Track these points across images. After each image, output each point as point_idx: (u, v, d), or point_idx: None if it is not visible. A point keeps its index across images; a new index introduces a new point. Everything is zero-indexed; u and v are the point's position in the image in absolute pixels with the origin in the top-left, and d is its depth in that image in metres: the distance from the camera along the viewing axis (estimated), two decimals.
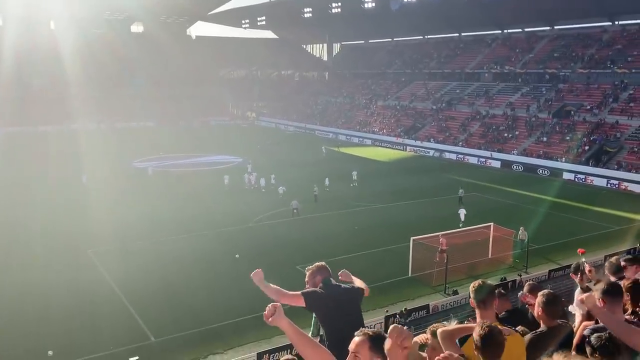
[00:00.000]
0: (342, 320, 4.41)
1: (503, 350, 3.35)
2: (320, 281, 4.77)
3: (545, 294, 4.44)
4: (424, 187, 43.38)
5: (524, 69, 72.34)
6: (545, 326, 4.33)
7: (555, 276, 23.62)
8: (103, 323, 19.37)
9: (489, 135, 62.72)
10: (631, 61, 61.14)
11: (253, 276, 4.34)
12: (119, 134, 73.52)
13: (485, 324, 3.43)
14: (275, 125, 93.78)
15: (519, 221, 31.25)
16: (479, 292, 4.15)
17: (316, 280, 4.79)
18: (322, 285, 4.73)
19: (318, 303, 4.57)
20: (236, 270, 24.87)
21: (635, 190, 44.10)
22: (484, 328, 3.37)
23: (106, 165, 49.26)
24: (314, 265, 4.91)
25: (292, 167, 50.72)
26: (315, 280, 4.81)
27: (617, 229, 32.07)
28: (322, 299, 4.56)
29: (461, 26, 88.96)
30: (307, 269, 4.93)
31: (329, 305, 4.55)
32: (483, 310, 4.11)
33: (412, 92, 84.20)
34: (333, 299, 4.59)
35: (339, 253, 27.00)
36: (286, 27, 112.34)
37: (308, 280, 4.86)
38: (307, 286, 4.82)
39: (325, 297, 4.57)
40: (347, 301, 4.73)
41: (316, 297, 4.57)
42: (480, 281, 4.27)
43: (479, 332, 3.35)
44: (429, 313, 20.52)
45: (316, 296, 4.57)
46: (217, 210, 35.41)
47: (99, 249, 27.21)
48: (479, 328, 3.36)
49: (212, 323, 19.59)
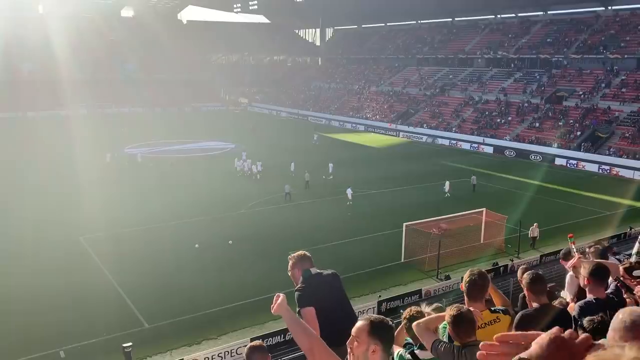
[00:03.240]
0: (330, 309, 4.38)
1: (474, 328, 3.58)
2: (300, 275, 4.65)
3: (528, 273, 4.61)
4: (417, 173, 43.42)
5: (517, 55, 72.28)
6: (535, 304, 4.44)
7: (546, 261, 23.79)
8: (96, 310, 19.33)
9: (481, 121, 62.78)
10: (624, 47, 61.19)
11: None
12: (108, 119, 72.92)
13: (456, 305, 3.64)
14: (268, 111, 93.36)
15: (512, 207, 31.45)
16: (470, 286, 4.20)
17: (296, 274, 4.69)
18: (302, 281, 4.63)
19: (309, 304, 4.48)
20: (229, 256, 24.91)
21: (625, 176, 44.40)
22: (453, 309, 3.63)
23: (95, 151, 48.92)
24: (294, 256, 4.77)
25: (285, 152, 50.54)
26: (295, 272, 4.70)
27: (608, 214, 32.32)
28: (309, 298, 4.47)
29: (454, 11, 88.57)
30: (289, 257, 4.80)
31: (316, 300, 4.48)
32: (472, 302, 4.16)
33: (405, 78, 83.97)
34: (318, 292, 4.52)
35: (332, 239, 27.09)
36: (278, 12, 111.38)
37: (290, 269, 4.76)
38: (290, 274, 4.74)
39: (311, 295, 4.48)
40: (331, 289, 4.68)
41: (306, 302, 4.47)
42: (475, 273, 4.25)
43: (449, 313, 3.59)
44: (421, 298, 20.63)
45: (306, 301, 4.47)
46: (210, 196, 35.29)
47: (91, 236, 27.09)
48: (450, 310, 3.56)
49: (206, 309, 19.61)
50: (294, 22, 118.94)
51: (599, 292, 4.36)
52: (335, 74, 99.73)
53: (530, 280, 4.49)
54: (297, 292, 4.57)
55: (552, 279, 18.46)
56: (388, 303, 19.47)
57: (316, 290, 4.52)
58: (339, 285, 4.84)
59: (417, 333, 3.74)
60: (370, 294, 20.90)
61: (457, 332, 3.53)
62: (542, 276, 4.66)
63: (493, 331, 4.02)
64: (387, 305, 19.34)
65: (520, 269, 5.90)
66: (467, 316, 3.56)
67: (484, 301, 4.31)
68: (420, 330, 3.71)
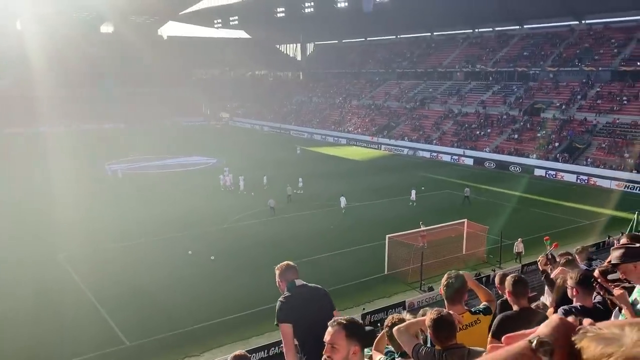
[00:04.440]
0: (314, 324, 4.20)
1: (454, 330, 3.57)
2: (284, 286, 4.63)
3: (511, 276, 4.67)
4: (399, 185, 43.60)
5: (495, 68, 73.48)
6: (516, 308, 4.47)
7: (528, 270, 23.99)
8: (76, 328, 18.97)
9: (461, 133, 63.51)
10: (598, 59, 62.62)
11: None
12: (88, 136, 72.14)
13: (436, 309, 3.65)
14: (250, 126, 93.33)
15: (493, 217, 31.74)
16: (449, 290, 4.23)
17: (281, 285, 4.68)
18: (286, 292, 4.60)
19: (291, 319, 4.45)
20: (212, 271, 24.68)
21: (603, 185, 45.17)
22: (433, 312, 3.62)
23: (76, 168, 48.31)
24: (280, 267, 4.77)
25: (267, 167, 50.46)
26: (280, 282, 4.69)
27: (587, 223, 32.79)
28: (289, 313, 4.44)
29: (433, 26, 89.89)
30: (276, 267, 4.81)
31: (298, 314, 4.45)
32: (451, 305, 4.18)
33: (386, 92, 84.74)
34: (300, 306, 4.48)
35: (315, 252, 27.03)
36: (259, 27, 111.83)
37: (277, 280, 4.75)
38: (278, 285, 4.73)
39: (291, 309, 4.44)
40: (316, 303, 4.61)
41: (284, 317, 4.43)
42: (452, 277, 4.28)
43: (430, 317, 3.58)
44: (405, 309, 20.64)
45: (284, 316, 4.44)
46: (191, 211, 35.00)
47: (70, 253, 26.64)
48: (430, 313, 3.56)
49: (188, 325, 19.36)
50: (275, 37, 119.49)
51: (587, 301, 4.36)
52: (316, 88, 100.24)
53: (513, 282, 4.54)
54: (278, 302, 4.54)
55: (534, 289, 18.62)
56: (372, 315, 19.44)
57: (298, 304, 4.48)
58: (327, 301, 4.78)
59: (398, 337, 3.73)
60: (354, 306, 20.84)
61: (437, 335, 3.53)
62: (524, 279, 4.72)
63: (474, 333, 4.06)
64: (371, 317, 19.31)
65: (498, 275, 5.95)
66: (447, 319, 3.57)
67: (463, 303, 4.33)
68: (401, 335, 3.71)
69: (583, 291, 4.30)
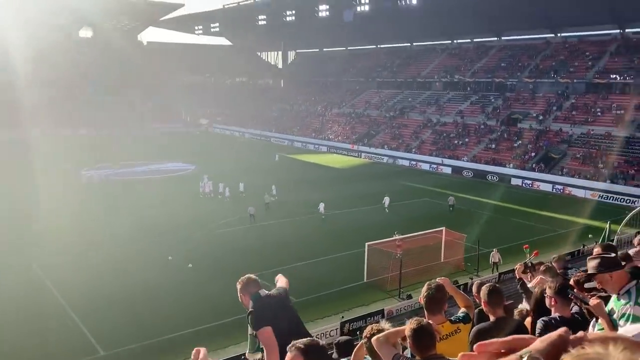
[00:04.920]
0: (285, 331, 4.18)
1: (434, 340, 3.52)
2: (249, 299, 4.54)
3: (486, 285, 4.67)
4: (379, 193, 43.74)
5: (473, 78, 74.51)
6: (493, 317, 4.48)
7: (505, 279, 24.25)
8: (49, 337, 18.59)
9: (440, 142, 64.15)
10: (573, 71, 63.96)
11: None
12: (65, 141, 70.95)
13: (415, 318, 3.61)
14: (230, 133, 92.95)
15: (470, 226, 32.03)
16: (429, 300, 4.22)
17: (244, 299, 4.59)
18: (253, 304, 4.55)
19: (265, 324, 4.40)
20: (189, 279, 24.42)
21: (578, 195, 46.00)
22: (413, 322, 3.56)
23: (52, 174, 47.46)
24: (241, 281, 4.67)
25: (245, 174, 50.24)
26: (244, 297, 4.60)
27: (563, 232, 33.30)
28: (265, 319, 4.39)
29: (413, 36, 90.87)
30: (237, 282, 4.70)
31: (272, 322, 4.40)
32: (431, 315, 4.17)
33: (366, 100, 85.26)
34: (271, 314, 4.44)
35: (294, 260, 26.93)
36: (240, 34, 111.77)
37: (239, 296, 4.65)
38: (240, 300, 4.65)
39: (265, 315, 4.41)
40: (283, 310, 4.56)
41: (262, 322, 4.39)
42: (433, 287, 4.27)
43: (409, 327, 3.50)
44: (384, 317, 20.66)
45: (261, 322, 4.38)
46: (170, 218, 34.64)
47: (44, 261, 26.11)
48: (410, 323, 3.52)
49: (165, 334, 19.09)
50: (256, 45, 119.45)
51: (565, 311, 4.39)
52: (297, 95, 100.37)
53: (488, 292, 4.56)
54: (249, 315, 4.46)
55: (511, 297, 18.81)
56: (351, 324, 19.41)
57: (269, 312, 4.44)
58: (290, 304, 4.75)
59: (377, 348, 3.71)
60: (332, 315, 20.79)
61: (417, 346, 3.51)
62: (499, 288, 4.74)
63: (455, 343, 4.06)
64: (349, 326, 19.27)
65: (476, 284, 5.97)
66: (427, 329, 3.55)
67: (443, 313, 4.33)
68: (380, 345, 3.68)
69: (561, 301, 4.32)
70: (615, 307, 3.65)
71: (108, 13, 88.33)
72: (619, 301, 3.64)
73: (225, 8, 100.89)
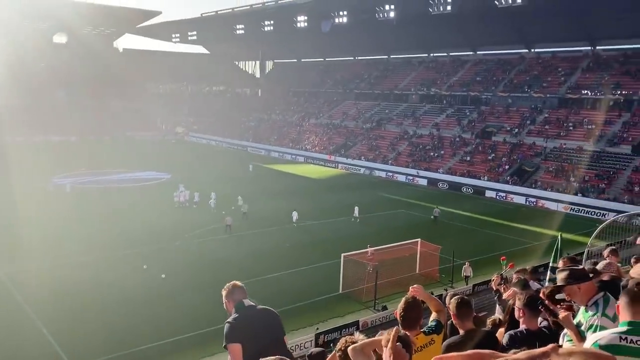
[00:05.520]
0: (261, 347, 4.08)
1: (411, 351, 3.48)
2: (232, 307, 4.53)
3: (454, 298, 4.68)
4: (355, 204, 43.87)
5: (449, 92, 75.56)
6: (462, 331, 4.49)
7: (478, 290, 24.49)
8: (17, 351, 18.01)
9: (416, 154, 64.74)
10: (546, 86, 65.38)
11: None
12: (37, 148, 69.54)
13: (392, 329, 3.58)
14: (206, 142, 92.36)
15: (445, 237, 32.29)
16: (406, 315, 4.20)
17: (228, 305, 4.58)
18: (234, 313, 4.50)
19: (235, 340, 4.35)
20: (163, 290, 24.03)
21: (550, 208, 46.80)
22: (390, 333, 3.49)
23: (22, 182, 46.40)
24: (227, 287, 4.69)
25: (222, 183, 49.90)
26: (228, 303, 4.59)
27: (535, 244, 33.78)
28: (237, 334, 4.33)
29: (390, 49, 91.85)
30: (223, 288, 4.70)
31: (246, 336, 4.33)
32: (407, 330, 4.16)
33: (343, 111, 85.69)
34: (248, 328, 4.37)
35: (270, 271, 26.77)
36: (218, 43, 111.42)
37: (224, 301, 4.65)
38: (224, 306, 4.64)
39: (240, 330, 4.33)
40: (265, 326, 4.48)
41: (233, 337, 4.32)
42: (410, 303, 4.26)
43: (387, 338, 3.47)
44: (358, 329, 20.60)
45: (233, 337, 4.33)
46: (143, 228, 34.13)
47: (11, 271, 25.41)
48: (387, 334, 3.50)
49: (137, 346, 18.70)
50: (234, 54, 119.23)
51: (532, 323, 4.44)
52: (275, 105, 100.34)
53: (456, 305, 4.58)
54: (226, 324, 4.40)
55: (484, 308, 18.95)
56: (325, 335, 19.31)
57: (247, 325, 4.36)
58: (276, 323, 4.65)
59: (352, 357, 3.67)
60: (307, 326, 20.68)
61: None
62: (468, 300, 4.76)
63: (429, 354, 4.04)
64: (324, 337, 19.16)
65: (449, 295, 5.99)
66: (404, 340, 3.53)
67: (418, 327, 4.32)
68: (356, 354, 3.65)
69: (529, 313, 4.40)
70: (584, 318, 3.71)
71: (84, 19, 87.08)
72: (587, 312, 3.71)
73: (203, 17, 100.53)
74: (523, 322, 4.50)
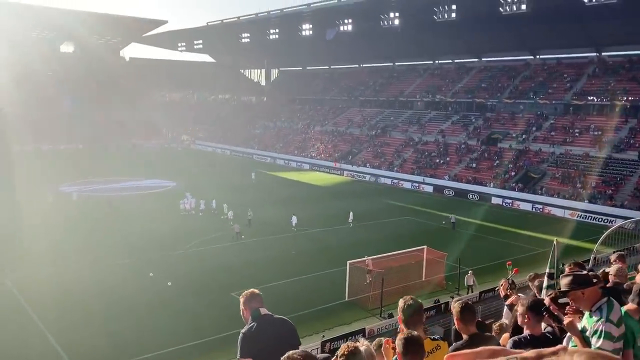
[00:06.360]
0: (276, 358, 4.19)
1: (423, 351, 3.59)
2: (249, 315, 4.57)
3: (458, 302, 4.69)
4: (361, 211, 43.85)
5: (454, 98, 75.54)
6: (465, 336, 4.50)
7: (485, 297, 24.35)
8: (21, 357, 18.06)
9: (421, 161, 64.67)
10: (551, 93, 65.27)
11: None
12: (44, 156, 69.98)
13: (406, 331, 3.61)
14: (212, 149, 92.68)
15: (451, 244, 32.18)
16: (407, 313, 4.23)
17: (245, 313, 4.63)
18: (250, 322, 4.52)
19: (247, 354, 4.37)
20: (168, 298, 24.05)
21: (556, 214, 46.59)
22: (405, 333, 3.61)
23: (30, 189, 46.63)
24: (245, 295, 4.74)
25: (228, 191, 49.99)
26: (244, 311, 4.65)
27: (542, 251, 33.56)
28: (250, 347, 4.36)
29: (395, 56, 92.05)
30: (241, 295, 4.77)
31: (259, 347, 4.37)
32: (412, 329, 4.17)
33: (348, 119, 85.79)
34: (262, 338, 4.41)
35: (276, 278, 26.75)
36: (224, 52, 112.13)
37: (241, 309, 4.70)
38: (242, 313, 4.68)
39: (253, 342, 4.38)
40: (279, 337, 4.50)
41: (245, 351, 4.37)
42: (408, 301, 4.29)
43: (400, 338, 3.50)
44: (365, 337, 20.51)
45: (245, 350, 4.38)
46: (149, 235, 34.20)
47: (18, 277, 25.51)
48: (401, 334, 3.53)
49: (141, 354, 18.70)
50: (240, 62, 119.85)
51: (536, 328, 4.43)
52: (280, 113, 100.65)
53: (460, 309, 4.58)
54: (241, 334, 4.44)
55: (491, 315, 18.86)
56: (332, 343, 19.24)
57: (260, 336, 4.40)
58: (291, 333, 4.68)
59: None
60: (313, 334, 20.61)
61: (406, 357, 3.50)
62: (471, 305, 4.76)
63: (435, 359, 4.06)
64: (330, 345, 19.10)
65: (454, 301, 6.00)
66: (417, 340, 3.55)
67: (422, 329, 4.33)
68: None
69: (534, 318, 4.38)
70: (588, 324, 3.70)
71: (91, 28, 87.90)
72: (591, 318, 3.70)
73: (208, 25, 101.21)
74: (527, 327, 4.50)
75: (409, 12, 70.25)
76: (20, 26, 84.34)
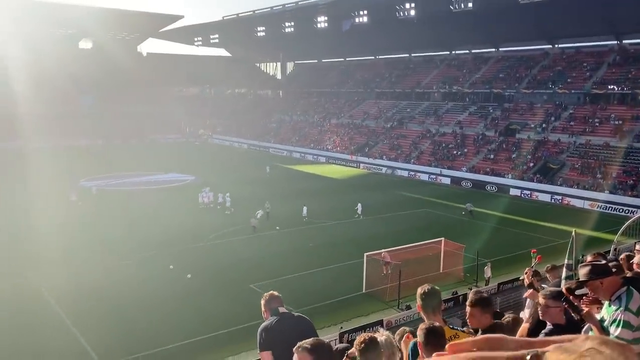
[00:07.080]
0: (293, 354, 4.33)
1: (444, 341, 3.60)
2: (268, 315, 4.86)
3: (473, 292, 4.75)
4: (377, 204, 43.86)
5: (471, 89, 74.84)
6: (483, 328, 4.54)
7: (504, 289, 24.26)
8: (48, 350, 18.51)
9: (438, 153, 64.30)
10: (570, 82, 64.31)
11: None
12: (65, 152, 71.07)
13: (427, 322, 3.66)
14: (229, 143, 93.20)
15: (469, 236, 32.07)
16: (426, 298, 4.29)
17: (266, 314, 4.91)
18: (268, 322, 4.77)
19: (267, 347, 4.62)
20: (188, 290, 24.39)
21: (576, 205, 46.07)
22: (427, 324, 3.68)
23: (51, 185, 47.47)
24: (265, 296, 5.03)
25: (246, 184, 50.31)
26: (265, 312, 4.94)
27: (561, 242, 33.26)
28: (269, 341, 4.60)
29: (411, 47, 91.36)
30: (262, 298, 5.06)
31: (277, 342, 4.55)
32: (432, 316, 4.23)
33: (364, 111, 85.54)
34: (280, 334, 4.59)
35: (293, 270, 26.96)
36: (239, 46, 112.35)
37: (263, 311, 4.98)
38: (263, 315, 4.96)
39: (272, 337, 4.63)
40: (297, 333, 4.67)
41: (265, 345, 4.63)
42: (427, 287, 4.36)
43: (422, 328, 3.55)
44: (383, 328, 20.61)
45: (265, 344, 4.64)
46: (170, 229, 34.63)
47: (43, 272, 26.06)
48: (423, 325, 3.58)
49: (164, 345, 19.05)
50: (255, 56, 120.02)
51: (558, 317, 4.41)
52: (296, 106, 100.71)
53: (475, 299, 4.62)
54: (260, 329, 4.63)
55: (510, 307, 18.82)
56: (350, 334, 19.37)
57: (278, 332, 4.58)
58: (309, 330, 4.83)
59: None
60: (331, 325, 20.77)
61: (427, 347, 3.55)
62: (486, 296, 4.81)
63: None
64: (348, 336, 19.23)
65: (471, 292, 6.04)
66: (438, 330, 3.60)
67: (441, 317, 4.39)
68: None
69: (555, 306, 4.36)
70: (607, 313, 3.72)
71: (108, 24, 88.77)
72: (610, 307, 3.72)
73: (224, 19, 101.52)
74: (549, 319, 4.48)
75: (425, 3, 69.59)
76: (39, 24, 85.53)
